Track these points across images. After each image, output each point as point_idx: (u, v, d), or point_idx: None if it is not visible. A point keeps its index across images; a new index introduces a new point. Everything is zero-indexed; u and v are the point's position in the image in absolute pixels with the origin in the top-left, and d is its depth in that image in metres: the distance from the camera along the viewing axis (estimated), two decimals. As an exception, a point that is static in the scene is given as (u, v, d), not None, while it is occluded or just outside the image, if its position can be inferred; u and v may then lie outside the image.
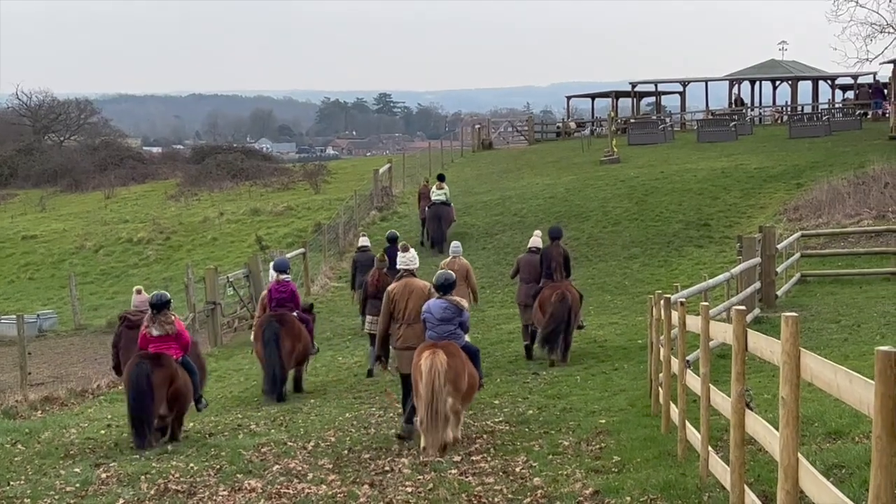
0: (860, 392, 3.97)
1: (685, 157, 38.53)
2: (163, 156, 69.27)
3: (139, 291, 13.45)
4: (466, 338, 10.97)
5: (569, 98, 59.85)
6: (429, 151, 47.79)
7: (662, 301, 10.32)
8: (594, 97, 58.63)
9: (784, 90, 55.81)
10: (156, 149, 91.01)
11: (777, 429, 5.08)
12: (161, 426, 11.79)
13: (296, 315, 15.01)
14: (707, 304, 7.73)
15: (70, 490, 9.19)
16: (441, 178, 30.94)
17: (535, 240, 17.48)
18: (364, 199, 35.83)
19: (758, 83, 56.06)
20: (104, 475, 9.68)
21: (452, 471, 9.05)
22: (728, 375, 6.54)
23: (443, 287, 10.58)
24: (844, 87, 54.44)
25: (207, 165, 51.28)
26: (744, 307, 6.27)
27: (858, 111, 47.54)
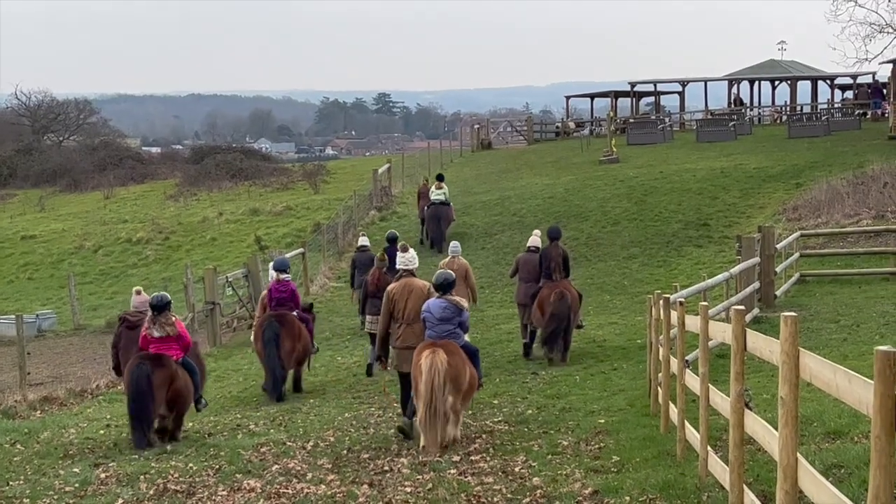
0: (859, 392, 3.97)
1: (684, 157, 38.53)
2: (162, 156, 69.29)
3: (138, 292, 13.45)
4: (466, 337, 10.98)
5: (568, 98, 59.80)
6: (428, 151, 47.78)
7: (661, 301, 10.32)
8: (593, 97, 58.61)
9: (783, 90, 55.84)
10: (155, 149, 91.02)
11: (776, 428, 5.08)
12: (162, 427, 11.81)
13: (295, 315, 15.02)
14: (706, 304, 7.73)
15: (69, 490, 9.19)
16: (440, 179, 30.94)
17: (535, 239, 17.48)
18: (363, 199, 35.82)
19: (757, 83, 56.04)
20: (103, 475, 9.68)
21: (451, 470, 9.04)
22: (727, 375, 6.54)
23: (442, 287, 10.60)
24: (843, 87, 54.44)
25: (206, 165, 51.28)
26: (743, 307, 6.27)
27: (857, 111, 47.53)
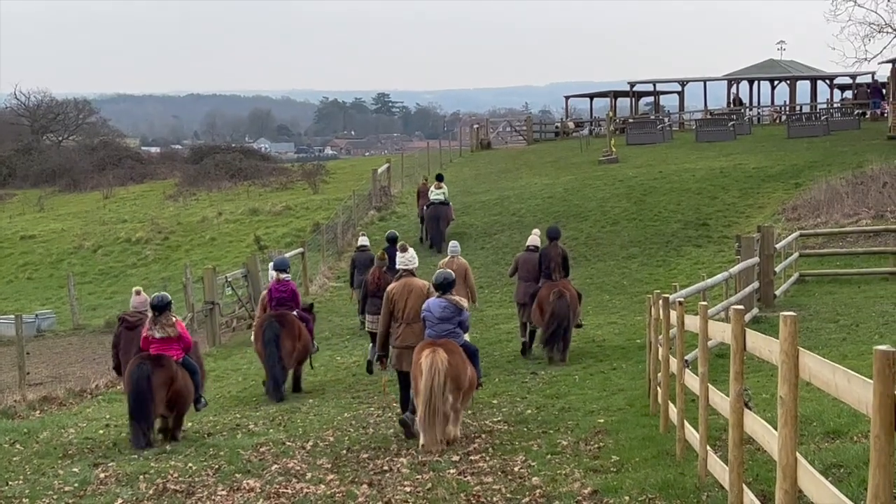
0: (858, 391, 3.97)
1: (684, 157, 38.53)
2: (161, 156, 69.30)
3: (138, 292, 13.44)
4: (466, 337, 11.00)
5: (567, 98, 59.80)
6: (427, 151, 47.78)
7: (661, 301, 10.32)
8: (592, 97, 58.61)
9: (782, 90, 55.86)
10: (154, 149, 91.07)
11: (775, 428, 5.08)
12: (164, 427, 11.84)
13: (295, 314, 15.02)
14: (705, 304, 7.73)
15: (68, 490, 9.19)
16: (439, 179, 30.96)
17: (534, 238, 17.49)
18: (362, 199, 35.82)
19: (756, 83, 56.03)
20: (102, 475, 9.68)
21: (451, 470, 9.04)
22: (726, 375, 6.54)
23: (442, 286, 10.62)
24: (843, 87, 54.44)
25: (206, 165, 51.27)
26: (742, 307, 6.27)
27: (857, 111, 47.54)
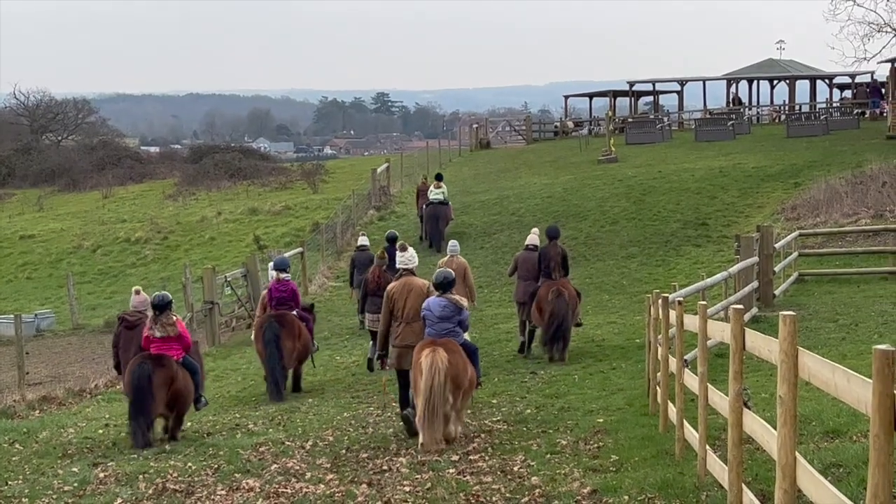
0: (858, 391, 3.97)
1: (683, 157, 38.54)
2: (160, 155, 69.30)
3: (138, 292, 13.44)
4: (466, 336, 11.01)
5: (566, 97, 59.80)
6: (426, 151, 47.78)
7: (660, 300, 10.32)
8: (592, 96, 58.60)
9: (782, 89, 55.87)
10: (153, 148, 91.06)
11: (775, 428, 5.09)
12: (166, 426, 11.86)
13: (295, 314, 15.03)
14: (705, 304, 7.73)
15: (68, 489, 9.18)
16: (439, 178, 30.96)
17: (533, 237, 17.49)
18: (362, 199, 35.81)
19: (756, 82, 56.05)
20: (102, 475, 9.68)
21: (450, 470, 9.04)
22: (726, 374, 6.54)
23: (442, 285, 10.65)
24: (842, 87, 54.46)
25: (205, 165, 51.24)
26: (741, 306, 6.27)
27: (856, 110, 47.56)
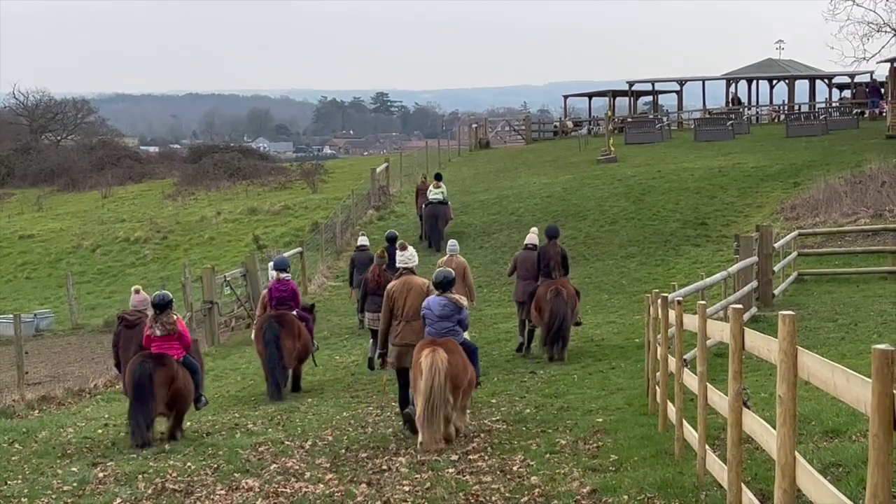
0: (857, 390, 3.97)
1: (682, 157, 38.55)
2: (160, 155, 69.33)
3: (137, 291, 13.43)
4: (465, 335, 11.02)
5: (566, 97, 59.80)
6: (426, 150, 47.79)
7: (660, 300, 10.32)
8: (591, 96, 58.62)
9: (781, 89, 55.86)
10: (153, 148, 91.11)
11: (774, 427, 5.09)
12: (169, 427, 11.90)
13: (295, 314, 15.03)
14: (704, 303, 7.73)
15: (67, 489, 9.18)
16: (438, 178, 30.96)
17: (532, 236, 17.48)
18: (361, 199, 35.81)
19: (755, 82, 56.07)
20: (101, 474, 9.67)
21: (450, 469, 9.04)
22: (725, 374, 6.54)
23: (442, 285, 10.68)
24: (841, 86, 54.48)
25: (204, 165, 51.24)
26: (741, 306, 6.27)
27: (855, 110, 47.58)
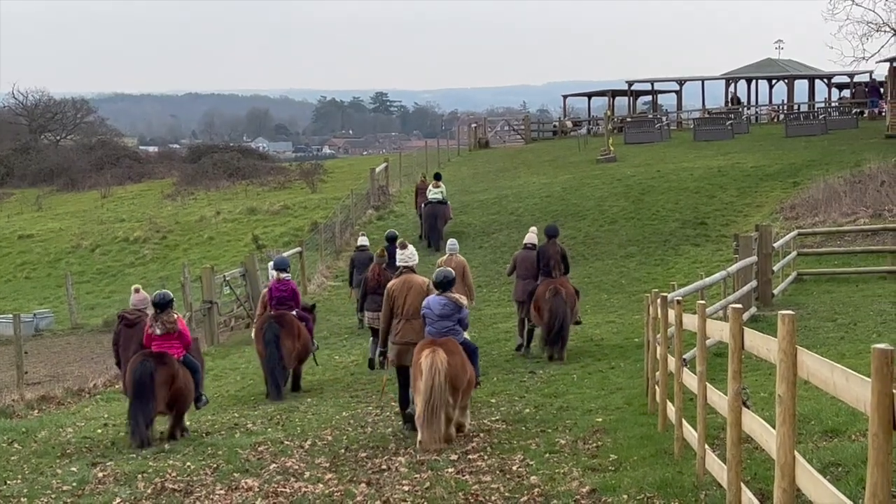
0: (857, 390, 3.97)
1: (682, 156, 38.55)
2: (159, 155, 69.31)
3: (137, 290, 13.43)
4: (465, 335, 11.04)
5: (565, 97, 59.79)
6: (425, 150, 47.78)
7: (659, 299, 10.33)
8: (591, 96, 58.62)
9: (780, 89, 55.86)
10: (152, 148, 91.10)
11: (774, 427, 5.09)
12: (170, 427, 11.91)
13: (295, 314, 15.03)
14: (703, 303, 7.73)
15: (67, 489, 9.18)
16: (438, 178, 30.96)
17: (531, 236, 17.48)
18: (361, 199, 35.81)
19: (754, 82, 56.07)
20: (101, 474, 9.67)
21: (449, 469, 9.05)
22: (725, 374, 6.54)
23: (442, 284, 10.71)
24: (841, 86, 54.48)
25: (204, 165, 51.23)
26: (740, 305, 6.27)
27: (855, 110, 47.59)
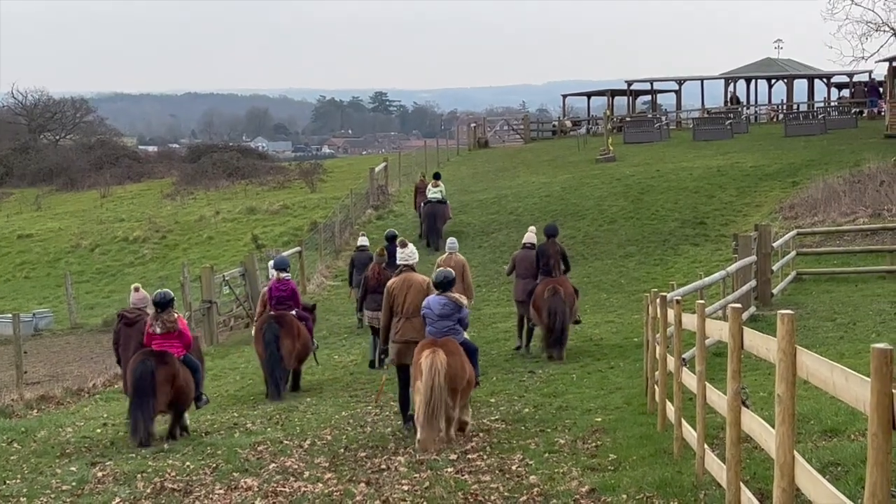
0: (856, 389, 3.97)
1: (681, 156, 38.55)
2: (158, 154, 69.28)
3: (137, 289, 13.43)
4: (465, 334, 11.04)
5: (565, 96, 59.78)
6: (425, 150, 47.77)
7: (658, 299, 10.33)
8: (590, 95, 58.61)
9: (780, 88, 55.87)
10: (151, 147, 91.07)
11: (773, 426, 5.09)
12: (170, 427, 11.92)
13: (294, 313, 15.03)
14: (703, 302, 7.73)
15: (66, 489, 9.18)
16: (437, 177, 30.96)
17: (530, 235, 17.48)
18: (360, 198, 35.80)
19: (753, 81, 56.05)
20: (100, 474, 9.67)
21: (449, 469, 9.04)
22: (724, 373, 6.55)
23: (442, 285, 10.72)
24: (840, 86, 54.45)
25: (203, 164, 51.23)
26: (739, 305, 6.27)
27: (854, 109, 47.59)
